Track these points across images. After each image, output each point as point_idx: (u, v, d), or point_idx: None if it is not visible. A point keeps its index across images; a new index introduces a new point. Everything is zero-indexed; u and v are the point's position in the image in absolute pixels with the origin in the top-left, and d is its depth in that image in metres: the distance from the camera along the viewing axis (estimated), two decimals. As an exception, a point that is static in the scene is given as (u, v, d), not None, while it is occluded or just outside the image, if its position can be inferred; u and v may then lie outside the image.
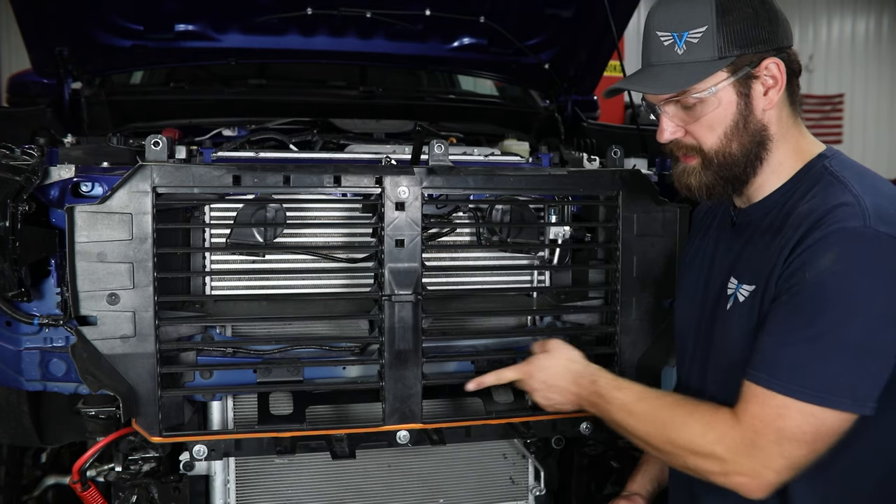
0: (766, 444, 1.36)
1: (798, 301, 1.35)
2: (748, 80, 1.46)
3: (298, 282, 1.94)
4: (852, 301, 1.32)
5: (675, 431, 1.46)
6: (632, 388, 1.59)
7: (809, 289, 1.34)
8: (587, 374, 1.66)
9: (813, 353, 1.33)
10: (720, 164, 1.49)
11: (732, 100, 1.46)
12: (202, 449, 1.80)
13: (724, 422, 1.41)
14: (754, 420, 1.37)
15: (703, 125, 1.48)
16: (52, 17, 2.49)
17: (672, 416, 1.48)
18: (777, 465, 1.36)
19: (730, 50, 1.43)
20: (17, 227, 1.65)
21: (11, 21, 2.52)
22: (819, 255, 1.34)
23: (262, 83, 3.30)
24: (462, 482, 2.20)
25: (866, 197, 1.37)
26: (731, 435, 1.39)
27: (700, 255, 1.71)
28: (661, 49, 1.47)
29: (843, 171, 1.45)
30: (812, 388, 1.32)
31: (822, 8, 13.45)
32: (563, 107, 3.11)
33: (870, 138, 13.69)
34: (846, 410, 1.33)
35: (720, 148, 1.48)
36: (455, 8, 2.67)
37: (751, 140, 1.48)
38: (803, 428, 1.33)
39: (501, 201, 1.97)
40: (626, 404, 1.56)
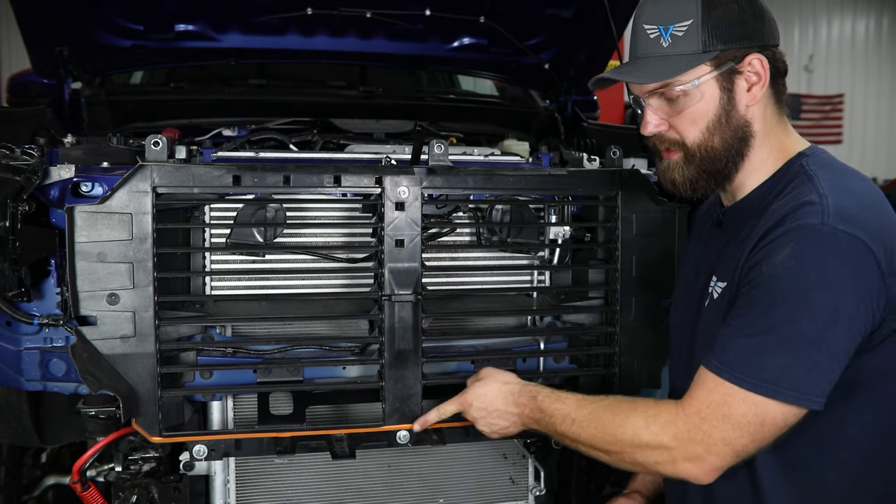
0: (710, 429, 1.37)
1: (754, 294, 1.38)
2: (731, 75, 1.47)
3: (298, 282, 1.94)
4: (804, 296, 1.33)
5: (619, 429, 1.46)
6: (571, 397, 1.58)
7: (764, 282, 1.36)
8: (525, 392, 1.64)
9: (762, 345, 1.35)
10: (702, 158, 1.51)
11: (715, 94, 1.47)
12: (202, 449, 1.80)
13: (668, 411, 1.43)
14: (701, 405, 1.39)
15: (686, 118, 1.49)
16: (52, 17, 2.49)
17: (613, 415, 1.49)
18: (720, 451, 1.37)
19: (714, 44, 1.45)
20: (17, 227, 1.65)
21: (11, 21, 2.52)
22: (776, 251, 1.36)
23: (262, 83, 3.30)
24: (462, 482, 2.20)
25: (832, 195, 1.38)
26: (676, 422, 1.41)
27: (692, 256, 1.73)
28: (648, 42, 1.49)
29: (818, 169, 1.46)
30: (758, 379, 1.34)
31: (822, 8, 13.46)
32: (563, 107, 3.11)
33: (870, 138, 13.69)
34: (791, 403, 1.34)
35: (702, 142, 1.50)
36: (455, 8, 2.67)
37: (733, 135, 1.49)
38: (748, 417, 1.35)
39: (501, 201, 1.97)
40: (568, 414, 1.55)
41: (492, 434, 1.71)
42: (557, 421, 1.56)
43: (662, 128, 1.53)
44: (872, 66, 13.75)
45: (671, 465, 1.42)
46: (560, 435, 1.57)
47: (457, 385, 1.98)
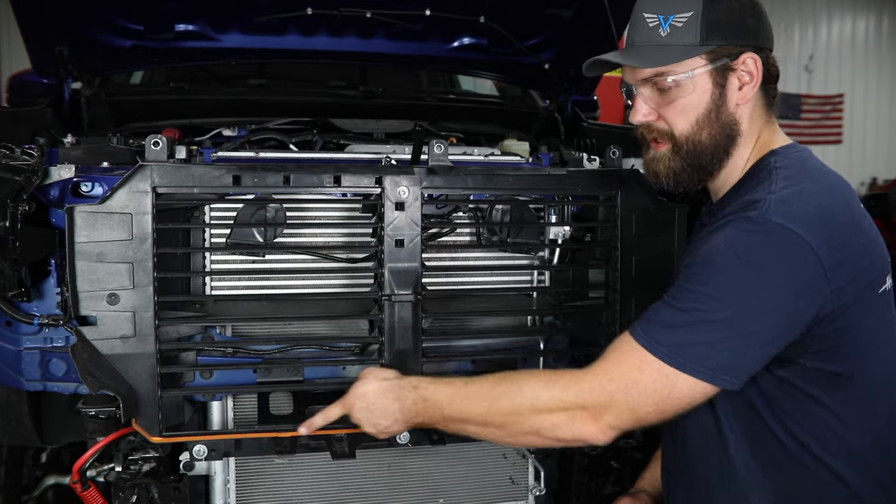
0: (616, 391, 1.39)
1: (685, 273, 1.41)
2: (725, 71, 1.48)
3: (298, 282, 1.94)
4: (727, 281, 1.36)
5: (516, 396, 1.45)
6: (456, 380, 1.55)
7: (696, 263, 1.40)
8: (405, 384, 1.57)
9: (683, 320, 1.37)
10: (688, 152, 1.52)
11: (707, 88, 1.48)
12: (202, 449, 1.80)
13: (570, 373, 1.45)
14: (611, 367, 1.41)
15: (677, 109, 1.50)
16: (52, 17, 2.49)
17: (509, 385, 1.47)
18: (621, 412, 1.39)
19: (711, 38, 1.46)
20: (17, 227, 1.65)
21: (11, 21, 2.52)
22: (713, 236, 1.39)
23: (262, 83, 3.30)
24: (462, 482, 2.20)
25: (781, 191, 1.40)
26: (580, 382, 1.42)
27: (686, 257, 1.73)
28: (646, 30, 1.50)
29: (782, 167, 1.47)
30: (674, 352, 1.36)
31: (822, 8, 13.47)
32: (563, 107, 3.11)
33: (870, 138, 13.70)
34: (700, 379, 1.36)
35: (691, 134, 1.51)
36: (455, 8, 2.67)
37: (721, 131, 1.50)
38: (656, 385, 1.37)
39: (501, 201, 1.97)
40: (455, 394, 1.50)
41: (379, 434, 1.61)
42: (444, 403, 1.51)
43: (651, 117, 1.54)
44: (872, 66, 13.76)
45: (569, 426, 1.42)
46: (447, 419, 1.52)
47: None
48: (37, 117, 2.55)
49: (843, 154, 13.30)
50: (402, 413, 1.56)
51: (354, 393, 1.62)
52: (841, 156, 13.11)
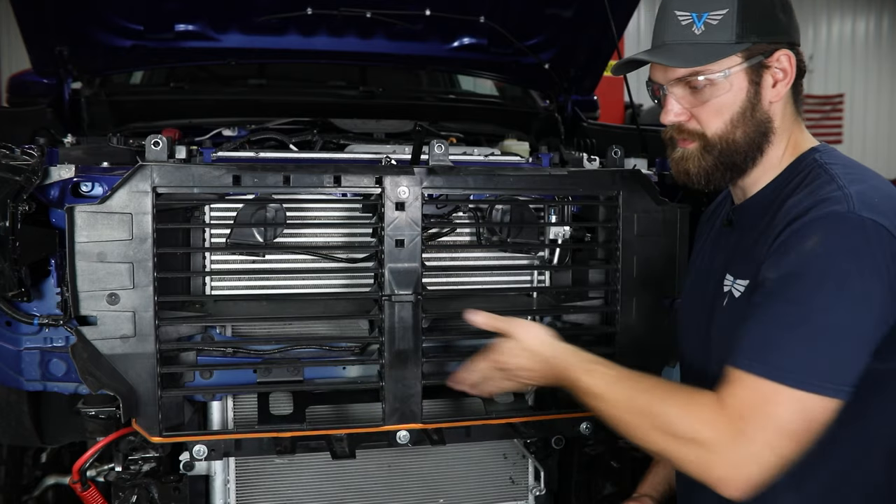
0: (755, 432, 1.29)
1: (782, 284, 1.33)
2: (760, 69, 1.46)
3: (298, 282, 1.94)
4: (838, 284, 1.29)
5: (657, 418, 1.37)
6: (604, 372, 1.49)
7: (794, 272, 1.32)
8: (559, 356, 1.55)
9: (801, 338, 1.30)
10: (722, 151, 1.48)
11: (743, 86, 1.45)
12: (202, 449, 1.80)
13: (708, 405, 1.34)
14: (742, 405, 1.31)
15: (711, 109, 1.47)
16: (52, 17, 2.49)
17: (650, 400, 1.40)
18: (764, 459, 1.29)
19: (747, 36, 1.43)
20: (17, 227, 1.65)
21: (11, 21, 2.52)
22: (804, 239, 1.32)
23: (262, 83, 3.30)
24: (462, 482, 2.20)
25: (852, 186, 1.37)
26: (717, 421, 1.31)
27: (700, 257, 1.71)
28: (679, 28, 1.46)
29: (832, 163, 1.45)
30: (801, 373, 1.28)
31: (822, 8, 13.46)
32: (563, 107, 3.11)
33: (870, 138, 13.69)
34: (832, 396, 1.28)
35: (724, 134, 1.47)
36: (455, 8, 2.67)
37: (755, 130, 1.47)
38: (794, 416, 1.28)
39: (501, 201, 1.97)
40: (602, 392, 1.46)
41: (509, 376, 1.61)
42: (589, 397, 1.48)
43: (683, 118, 1.50)
44: (872, 66, 13.75)
45: (705, 468, 1.32)
46: (590, 406, 1.49)
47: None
48: (37, 117, 2.55)
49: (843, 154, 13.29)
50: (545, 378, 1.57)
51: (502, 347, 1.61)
52: (841, 156, 13.10)
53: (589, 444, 2.38)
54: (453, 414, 2.04)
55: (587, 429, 1.96)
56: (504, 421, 1.94)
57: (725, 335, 1.50)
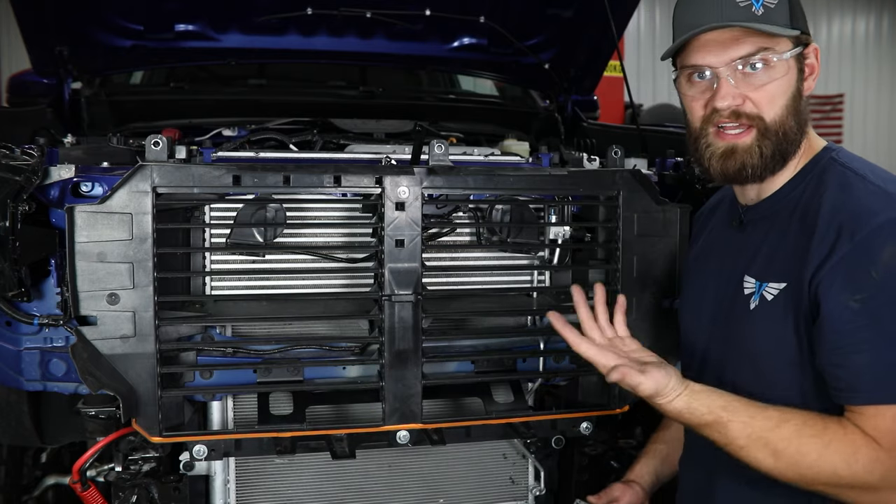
0: None
1: (876, 304, 1.31)
2: (801, 59, 1.47)
3: (298, 282, 1.94)
4: None
5: (815, 465, 1.35)
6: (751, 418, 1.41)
7: (884, 288, 1.30)
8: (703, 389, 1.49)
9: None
10: (779, 138, 1.45)
11: (794, 73, 1.45)
12: (202, 449, 1.80)
13: (866, 447, 1.32)
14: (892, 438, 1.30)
15: (767, 93, 1.44)
16: (52, 17, 2.49)
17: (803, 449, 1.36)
18: None
19: (797, 23, 1.44)
20: (17, 227, 1.65)
21: (11, 21, 2.52)
22: (877, 252, 1.31)
23: (262, 83, 3.30)
24: (462, 482, 2.20)
25: (889, 186, 1.38)
26: (880, 461, 1.31)
27: (705, 258, 1.70)
28: (737, 9, 1.42)
29: (853, 163, 1.45)
30: None
31: (822, 8, 13.46)
32: (563, 107, 3.11)
33: (870, 138, 13.70)
34: None
35: (782, 120, 1.45)
36: (455, 8, 2.67)
37: (799, 119, 1.47)
38: None
39: (501, 201, 1.97)
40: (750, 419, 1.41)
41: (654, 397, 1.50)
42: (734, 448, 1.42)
43: (739, 102, 1.45)
44: (872, 66, 13.75)
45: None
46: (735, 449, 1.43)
47: (457, 385, 1.98)
48: (37, 117, 2.55)
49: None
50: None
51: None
52: (841, 156, 13.11)
53: (589, 444, 2.38)
54: (453, 414, 2.04)
55: (587, 429, 1.96)
56: (504, 421, 1.94)
57: (756, 340, 1.49)
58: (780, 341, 1.45)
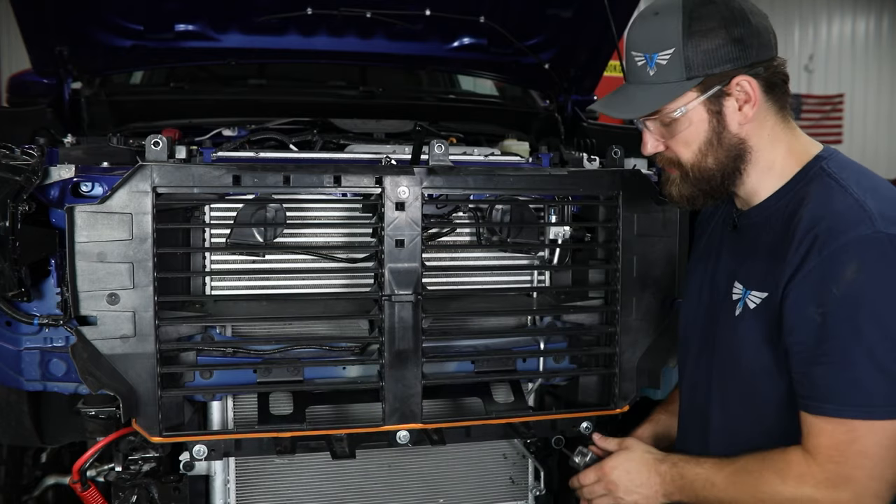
0: (851, 471, 1.35)
1: (835, 320, 1.35)
2: (720, 97, 1.47)
3: (298, 282, 1.94)
4: (889, 307, 1.33)
5: (759, 489, 1.45)
6: (708, 461, 1.57)
7: (843, 305, 1.34)
8: (666, 460, 1.65)
9: (868, 370, 1.33)
10: (696, 178, 1.53)
11: (704, 118, 1.49)
12: (202, 449, 1.80)
13: (798, 463, 1.41)
14: (829, 451, 1.36)
15: (680, 141, 1.52)
16: (52, 17, 2.49)
17: (748, 475, 1.47)
18: (874, 489, 1.35)
19: (698, 70, 1.45)
20: (17, 227, 1.65)
21: (11, 21, 2.52)
22: (841, 268, 1.34)
23: (262, 83, 3.30)
24: (462, 482, 2.20)
25: (869, 201, 1.38)
26: (812, 473, 1.38)
27: (704, 258, 1.71)
28: (636, 69, 1.51)
29: (842, 172, 1.46)
30: (879, 405, 1.33)
31: (822, 8, 13.46)
32: (563, 107, 3.11)
33: (870, 138, 13.69)
34: None
35: (696, 162, 1.52)
36: (455, 8, 2.66)
37: (727, 154, 1.50)
38: (882, 444, 1.33)
39: (501, 201, 1.97)
40: (708, 478, 1.54)
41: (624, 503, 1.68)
42: (698, 486, 1.55)
43: (660, 148, 1.56)
44: (872, 66, 13.74)
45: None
46: (702, 500, 1.56)
47: (457, 385, 1.98)
48: (37, 117, 2.55)
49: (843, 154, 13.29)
50: (663, 486, 1.63)
51: (618, 457, 1.71)
52: (841, 156, 13.10)
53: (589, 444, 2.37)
54: (453, 414, 2.04)
55: (587, 429, 1.96)
56: (504, 421, 1.94)
57: (738, 345, 1.53)
58: (759, 350, 1.49)
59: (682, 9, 1.44)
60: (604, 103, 1.59)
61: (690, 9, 1.44)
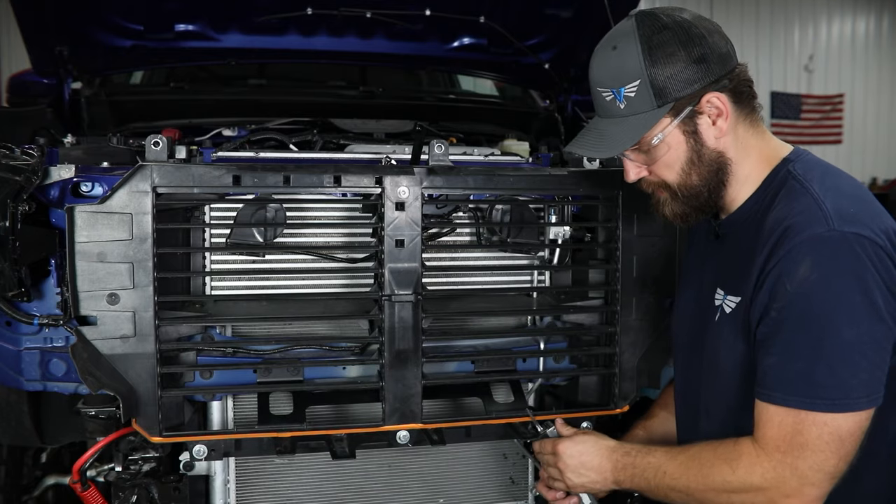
0: (794, 460, 1.37)
1: (787, 315, 1.38)
2: (693, 117, 1.48)
3: (298, 282, 1.94)
4: (838, 304, 1.34)
5: (708, 477, 1.47)
6: (660, 450, 1.60)
7: (795, 301, 1.36)
8: (619, 448, 1.66)
9: (815, 364, 1.35)
10: (685, 196, 1.55)
11: (681, 140, 1.50)
12: (202, 449, 1.80)
13: (748, 453, 1.43)
14: (776, 441, 1.39)
15: (661, 165, 1.53)
16: (52, 17, 2.49)
17: (700, 465, 1.49)
18: (814, 479, 1.37)
19: (666, 97, 1.46)
20: (17, 227, 1.65)
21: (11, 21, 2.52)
22: (795, 266, 1.36)
23: (262, 83, 3.30)
24: (462, 482, 2.20)
25: (827, 200, 1.40)
26: (760, 462, 1.41)
27: (693, 265, 1.73)
28: (605, 104, 1.52)
29: (806, 173, 1.47)
30: (822, 398, 1.35)
31: (822, 8, 13.45)
32: (563, 107, 3.11)
33: (870, 138, 13.69)
34: (861, 409, 1.35)
35: (682, 182, 1.53)
36: (455, 8, 2.67)
37: (709, 169, 1.52)
38: (824, 437, 1.35)
39: (501, 201, 1.97)
40: (659, 466, 1.56)
41: (577, 486, 1.71)
42: (650, 474, 1.57)
43: (644, 174, 1.58)
44: (872, 66, 13.74)
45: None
46: (654, 488, 1.57)
47: (457, 385, 1.98)
48: (37, 117, 2.55)
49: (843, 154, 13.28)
50: (613, 474, 1.65)
51: (568, 443, 1.72)
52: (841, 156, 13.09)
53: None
54: (453, 414, 2.04)
55: (587, 429, 1.95)
56: (504, 421, 1.94)
57: (718, 349, 1.56)
58: (736, 353, 1.51)
59: (639, 39, 1.45)
60: (580, 145, 1.59)
61: (647, 38, 1.45)
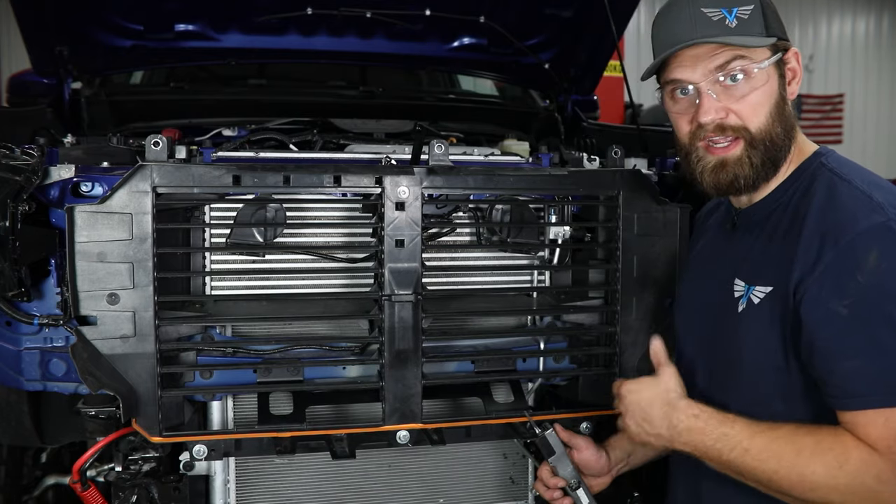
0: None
1: (862, 309, 1.32)
2: (781, 65, 1.47)
3: (298, 282, 1.94)
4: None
5: (808, 468, 1.34)
6: (739, 422, 1.44)
7: (868, 294, 1.31)
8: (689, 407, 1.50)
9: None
10: (767, 147, 1.46)
11: (775, 80, 1.46)
12: (202, 449, 1.80)
13: (857, 448, 1.33)
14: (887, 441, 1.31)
15: (749, 103, 1.45)
16: (52, 17, 2.49)
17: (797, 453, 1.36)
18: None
19: (772, 30, 1.45)
20: (17, 227, 1.65)
21: (11, 21, 2.52)
22: (861, 257, 1.32)
23: (262, 83, 3.30)
24: (462, 482, 2.20)
25: (874, 192, 1.38)
26: (874, 462, 1.31)
27: (701, 259, 1.71)
28: (710, 24, 1.43)
29: (842, 168, 1.46)
30: None
31: (822, 8, 13.46)
32: (563, 107, 3.11)
33: (870, 138, 13.69)
34: None
35: (768, 128, 1.45)
36: (455, 8, 2.67)
37: (786, 126, 1.47)
38: None
39: (501, 201, 1.97)
40: (740, 442, 1.41)
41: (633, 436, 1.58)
42: (724, 447, 1.42)
43: (722, 114, 1.46)
44: (872, 66, 13.75)
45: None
46: (725, 464, 1.44)
47: (457, 385, 1.98)
48: (37, 117, 2.55)
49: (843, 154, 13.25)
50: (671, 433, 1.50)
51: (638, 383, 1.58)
52: (841, 156, 13.12)
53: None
54: (453, 414, 2.04)
55: (587, 429, 1.96)
56: (504, 421, 1.94)
57: (742, 342, 1.50)
58: (766, 345, 1.46)
59: None
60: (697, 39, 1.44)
61: None
